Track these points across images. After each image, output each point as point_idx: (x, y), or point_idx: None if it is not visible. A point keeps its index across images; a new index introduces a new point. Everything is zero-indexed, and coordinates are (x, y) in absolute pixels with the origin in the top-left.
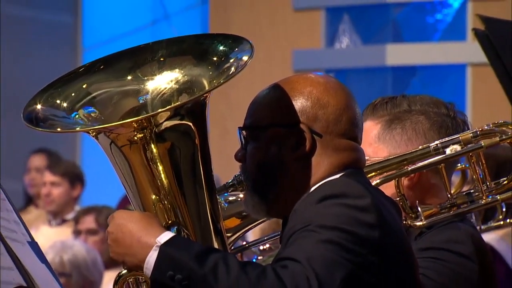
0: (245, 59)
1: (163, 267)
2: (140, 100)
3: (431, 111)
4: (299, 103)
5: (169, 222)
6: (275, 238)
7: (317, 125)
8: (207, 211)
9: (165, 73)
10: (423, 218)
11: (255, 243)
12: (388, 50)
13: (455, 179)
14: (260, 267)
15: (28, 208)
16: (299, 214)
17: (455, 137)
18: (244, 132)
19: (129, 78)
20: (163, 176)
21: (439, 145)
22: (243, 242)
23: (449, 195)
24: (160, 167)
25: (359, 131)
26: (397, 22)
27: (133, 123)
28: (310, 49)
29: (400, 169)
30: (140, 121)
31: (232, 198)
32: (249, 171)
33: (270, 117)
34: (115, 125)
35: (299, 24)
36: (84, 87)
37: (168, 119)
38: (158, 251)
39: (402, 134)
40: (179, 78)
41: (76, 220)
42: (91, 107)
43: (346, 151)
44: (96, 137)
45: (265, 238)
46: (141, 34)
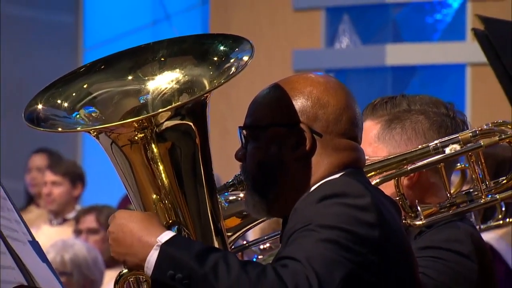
0: (246, 59)
1: (164, 266)
2: (140, 100)
3: (431, 111)
4: (299, 102)
5: (170, 221)
6: (275, 237)
7: (317, 124)
8: (208, 211)
9: (165, 73)
10: (422, 217)
11: (255, 243)
12: (387, 50)
13: (454, 179)
14: (260, 266)
15: (29, 207)
16: (299, 213)
17: (454, 136)
18: (244, 131)
19: (130, 78)
20: (163, 175)
21: (438, 145)
22: (243, 241)
23: (448, 195)
24: (160, 167)
25: (359, 131)
26: (396, 22)
27: (134, 123)
28: (310, 49)
29: (399, 169)
30: (140, 121)
31: (232, 197)
32: (249, 171)
33: (270, 117)
34: (116, 125)
35: (299, 24)
36: (85, 87)
37: (168, 119)
38: (158, 250)
39: (401, 133)
40: (180, 78)
41: (77, 219)
42: (92, 107)
43: (346, 151)
44: (97, 137)
45: (265, 237)
46: (142, 34)
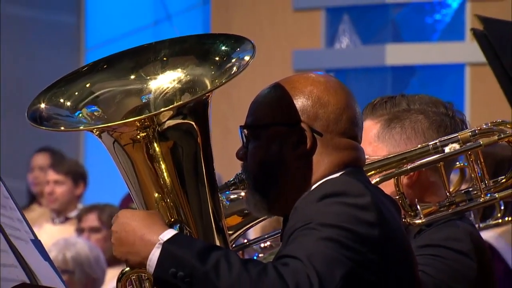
0: (247, 59)
1: (166, 264)
2: (143, 99)
3: (430, 110)
4: (299, 102)
5: (172, 220)
6: (275, 236)
7: (318, 124)
8: (209, 209)
9: (167, 72)
10: (422, 216)
11: (256, 241)
12: (387, 50)
13: (454, 178)
14: (261, 265)
15: (31, 206)
16: (300, 212)
17: (454, 136)
18: (245, 130)
19: (132, 77)
20: (165, 174)
21: (438, 144)
22: (244, 240)
23: (448, 193)
24: (162, 166)
25: (359, 130)
26: (396, 22)
27: (136, 122)
28: (310, 49)
29: (399, 168)
30: (143, 120)
31: (233, 196)
32: (251, 170)
33: (271, 116)
34: (118, 124)
35: (299, 24)
36: (87, 86)
37: (170, 118)
38: (160, 248)
39: (401, 133)
40: (182, 77)
41: (79, 218)
42: (94, 106)
43: (346, 150)
44: (99, 136)
45: (266, 236)
46: (143, 34)
